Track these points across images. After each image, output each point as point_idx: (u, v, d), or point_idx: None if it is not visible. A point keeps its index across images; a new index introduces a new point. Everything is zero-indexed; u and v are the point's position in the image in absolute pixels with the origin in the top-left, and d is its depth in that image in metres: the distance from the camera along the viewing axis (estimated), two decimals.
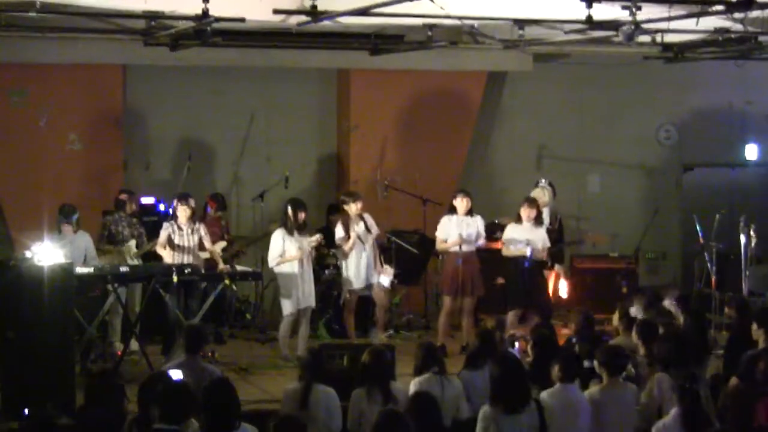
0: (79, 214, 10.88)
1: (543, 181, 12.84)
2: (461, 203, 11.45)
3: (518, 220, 11.61)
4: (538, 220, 11.64)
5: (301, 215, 11.08)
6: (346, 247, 11.43)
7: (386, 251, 12.27)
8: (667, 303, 10.39)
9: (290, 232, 11.01)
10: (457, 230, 11.37)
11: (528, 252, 11.35)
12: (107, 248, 11.14)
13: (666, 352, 8.14)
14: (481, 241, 11.58)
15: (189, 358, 8.20)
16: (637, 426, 7.79)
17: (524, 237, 11.44)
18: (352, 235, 11.38)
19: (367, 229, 11.48)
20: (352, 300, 11.62)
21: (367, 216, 11.58)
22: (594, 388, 7.77)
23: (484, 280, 11.76)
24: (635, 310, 10.04)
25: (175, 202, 11.02)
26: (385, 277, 11.59)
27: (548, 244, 11.69)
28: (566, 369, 7.63)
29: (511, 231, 11.58)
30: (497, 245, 12.10)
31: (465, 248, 11.35)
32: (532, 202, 11.67)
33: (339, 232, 11.54)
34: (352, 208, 11.46)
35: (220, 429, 6.34)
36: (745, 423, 7.03)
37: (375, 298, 11.71)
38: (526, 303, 11.46)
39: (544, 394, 7.50)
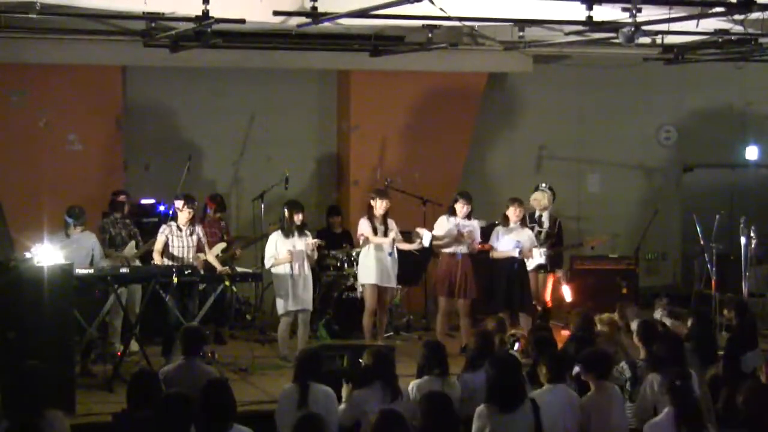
0: (86, 216, 10.88)
1: (543, 185, 12.84)
2: (461, 208, 11.46)
3: (505, 221, 11.62)
4: (524, 221, 11.64)
5: (297, 217, 11.07)
6: (376, 240, 11.31)
7: None
8: (659, 315, 10.33)
9: (286, 235, 11.04)
10: (453, 231, 11.40)
11: (516, 253, 11.38)
12: (108, 252, 11.13)
13: (662, 352, 8.16)
14: (475, 246, 11.56)
15: (187, 360, 8.18)
16: (631, 427, 7.80)
17: (513, 238, 11.45)
18: (387, 238, 11.30)
19: (385, 234, 11.42)
20: (368, 296, 11.46)
21: (390, 221, 11.53)
22: (589, 393, 7.77)
23: (484, 282, 11.76)
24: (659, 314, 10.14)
25: (180, 204, 10.92)
26: (425, 239, 11.45)
27: (536, 243, 11.72)
28: (552, 369, 7.65)
29: (499, 233, 11.59)
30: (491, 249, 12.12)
31: (462, 249, 11.38)
32: (518, 202, 11.67)
33: (363, 226, 11.44)
34: (377, 204, 11.41)
35: (214, 429, 6.36)
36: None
37: (379, 300, 11.68)
38: (514, 304, 11.46)
39: (533, 394, 7.52)
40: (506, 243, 11.51)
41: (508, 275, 11.46)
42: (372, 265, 11.37)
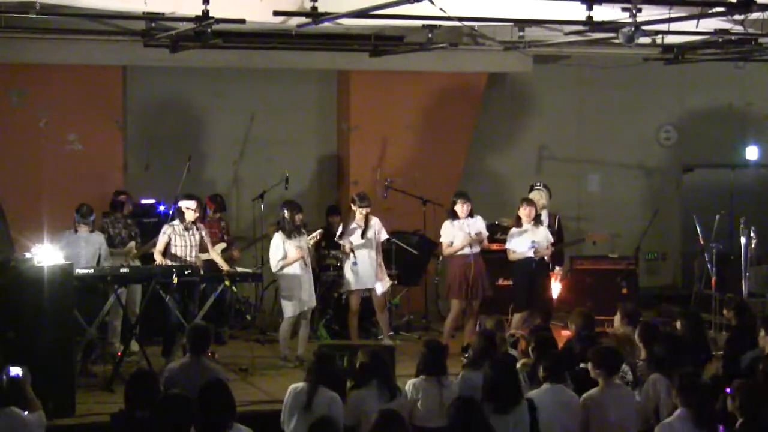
0: (95, 216, 10.88)
1: (539, 183, 12.85)
2: (461, 208, 11.45)
3: (518, 222, 11.61)
4: (537, 220, 11.65)
5: (298, 217, 11.08)
6: (345, 249, 11.47)
7: (386, 252, 12.24)
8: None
9: (288, 235, 11.02)
10: (461, 233, 11.39)
11: (532, 253, 11.37)
12: (111, 250, 11.14)
13: (662, 352, 8.16)
14: (484, 242, 11.58)
15: (193, 358, 8.15)
16: (638, 427, 7.80)
17: (528, 239, 11.44)
18: (346, 243, 11.39)
19: (363, 235, 11.44)
20: (352, 301, 11.60)
21: (375, 221, 11.55)
22: (592, 390, 7.77)
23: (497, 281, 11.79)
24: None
25: (195, 205, 10.91)
26: (379, 285, 11.59)
27: (552, 240, 11.71)
28: (551, 369, 7.65)
29: (514, 235, 11.58)
30: (498, 246, 12.11)
31: (474, 249, 11.38)
32: (530, 202, 11.68)
33: (339, 230, 11.60)
34: (356, 211, 11.46)
35: (213, 429, 6.37)
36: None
37: (374, 301, 11.71)
38: (532, 304, 11.48)
39: (532, 394, 7.52)
40: (521, 244, 11.50)
41: (529, 276, 11.45)
42: (350, 273, 11.47)
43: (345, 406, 7.76)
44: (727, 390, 7.37)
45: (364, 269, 11.45)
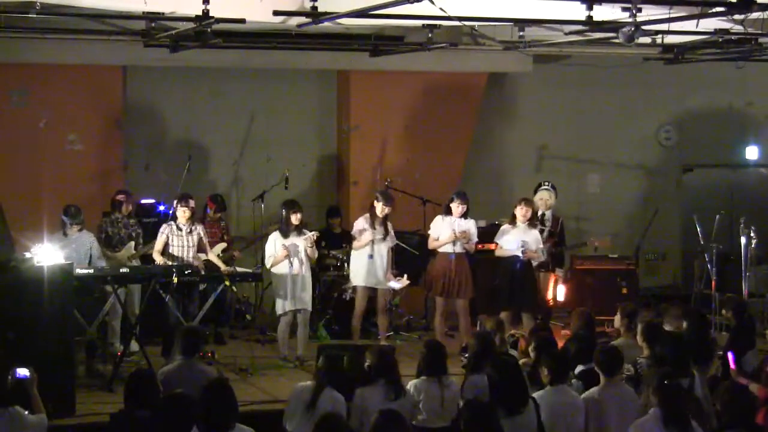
0: (83, 215, 10.90)
1: (546, 183, 12.82)
2: (457, 208, 11.44)
3: (512, 220, 11.62)
4: (532, 221, 11.64)
5: (295, 217, 11.04)
6: (357, 244, 11.43)
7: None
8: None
9: (284, 235, 11.03)
10: (449, 230, 11.39)
11: (520, 253, 11.37)
12: (106, 252, 11.13)
13: (664, 352, 8.15)
14: (472, 245, 11.55)
15: (186, 361, 8.17)
16: None
17: (518, 237, 11.45)
18: (367, 234, 11.36)
19: (383, 237, 11.44)
20: (358, 300, 11.55)
21: (390, 225, 11.55)
22: (592, 389, 7.77)
23: (484, 281, 11.75)
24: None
25: (175, 203, 11.04)
26: (396, 282, 11.57)
27: (541, 245, 11.69)
28: (554, 371, 7.65)
29: (505, 231, 11.59)
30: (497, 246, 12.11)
31: (457, 249, 11.37)
32: (528, 203, 11.67)
33: (359, 223, 11.51)
34: (378, 208, 11.43)
35: (216, 429, 6.37)
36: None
37: (377, 303, 11.69)
38: (517, 304, 11.46)
39: (535, 394, 7.52)
40: (510, 241, 11.50)
41: (512, 274, 11.45)
42: (361, 266, 11.42)
43: (351, 405, 7.75)
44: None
45: (377, 267, 11.42)
